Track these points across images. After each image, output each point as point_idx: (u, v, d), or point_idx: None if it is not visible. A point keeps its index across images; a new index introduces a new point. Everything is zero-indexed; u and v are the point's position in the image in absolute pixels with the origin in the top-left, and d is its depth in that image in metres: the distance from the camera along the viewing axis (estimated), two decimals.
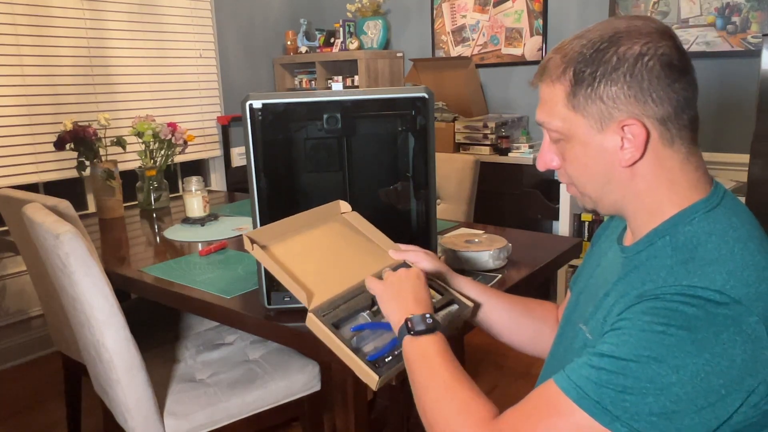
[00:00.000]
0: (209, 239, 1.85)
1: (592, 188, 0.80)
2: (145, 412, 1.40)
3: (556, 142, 0.81)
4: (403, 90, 1.18)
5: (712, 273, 0.68)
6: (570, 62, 0.75)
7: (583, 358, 0.71)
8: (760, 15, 2.71)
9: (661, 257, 0.74)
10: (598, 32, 0.75)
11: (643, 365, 0.65)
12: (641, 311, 0.68)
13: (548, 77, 0.78)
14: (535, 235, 1.80)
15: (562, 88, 0.76)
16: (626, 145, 0.74)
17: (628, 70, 0.72)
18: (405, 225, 1.26)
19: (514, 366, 2.50)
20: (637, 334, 0.67)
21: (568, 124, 0.77)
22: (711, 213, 0.75)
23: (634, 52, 0.72)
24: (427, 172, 1.21)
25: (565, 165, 0.81)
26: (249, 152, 1.17)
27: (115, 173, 2.23)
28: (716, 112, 2.89)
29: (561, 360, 0.89)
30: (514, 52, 3.48)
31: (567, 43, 0.78)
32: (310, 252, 1.02)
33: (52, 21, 2.82)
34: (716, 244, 0.71)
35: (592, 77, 0.74)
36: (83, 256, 1.28)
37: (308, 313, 0.91)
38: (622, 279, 0.78)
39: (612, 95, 0.73)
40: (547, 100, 0.79)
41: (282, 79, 3.96)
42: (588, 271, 0.96)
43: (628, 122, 0.73)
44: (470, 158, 2.42)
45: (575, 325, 0.88)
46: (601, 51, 0.73)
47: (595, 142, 0.76)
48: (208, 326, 1.87)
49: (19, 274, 2.80)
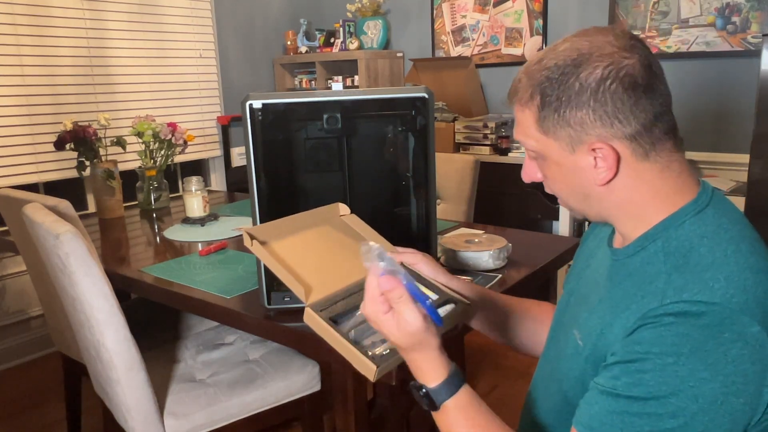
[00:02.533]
0: (209, 239, 1.85)
1: (574, 202, 0.82)
2: (145, 412, 1.40)
3: (534, 159, 0.83)
4: (403, 90, 1.18)
5: (710, 280, 0.67)
6: (536, 87, 0.76)
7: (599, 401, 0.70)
8: (760, 15, 2.71)
9: (655, 263, 0.73)
10: (562, 55, 0.75)
11: (663, 402, 0.65)
12: (649, 342, 0.67)
13: (519, 100, 0.80)
14: (535, 235, 1.80)
15: (531, 114, 0.78)
16: (599, 164, 0.75)
17: (591, 95, 0.73)
18: (405, 225, 1.26)
19: (514, 366, 2.50)
20: (651, 370, 0.66)
21: (541, 144, 0.79)
22: (701, 215, 0.74)
23: (596, 76, 0.72)
24: (427, 172, 1.21)
25: (546, 180, 0.84)
26: (249, 152, 1.17)
27: (115, 173, 2.23)
28: (716, 112, 2.89)
29: (553, 365, 0.89)
30: (514, 52, 3.48)
31: (533, 64, 0.78)
32: (308, 250, 1.02)
33: (52, 21, 2.82)
34: (709, 248, 0.71)
35: (558, 102, 0.74)
36: (83, 256, 1.28)
37: (306, 308, 0.91)
38: (616, 286, 0.78)
39: (578, 120, 0.74)
40: (521, 122, 0.80)
41: (282, 79, 3.96)
42: (577, 272, 0.96)
43: (597, 146, 0.74)
44: (470, 158, 2.42)
45: (567, 330, 0.87)
46: (565, 75, 0.74)
47: (569, 162, 0.77)
48: (208, 326, 1.87)
49: (19, 274, 2.80)
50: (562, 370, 0.84)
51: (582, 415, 0.72)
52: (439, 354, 0.80)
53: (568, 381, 0.82)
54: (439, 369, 0.79)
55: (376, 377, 0.85)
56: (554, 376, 0.88)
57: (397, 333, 0.78)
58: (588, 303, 0.84)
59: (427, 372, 0.80)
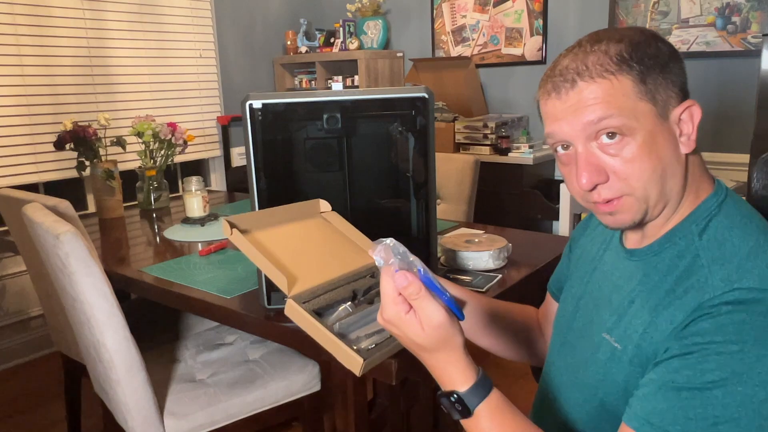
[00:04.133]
0: (209, 239, 1.85)
1: (655, 187, 0.73)
2: (145, 412, 1.40)
3: (609, 143, 0.73)
4: (403, 90, 1.18)
5: (754, 268, 0.68)
6: (629, 52, 0.72)
7: (656, 395, 0.68)
8: (760, 15, 2.71)
9: (688, 257, 0.73)
10: (621, 34, 0.75)
11: (729, 389, 0.63)
12: (708, 331, 0.66)
13: (598, 75, 0.72)
14: (535, 235, 1.80)
15: (629, 78, 0.72)
16: (684, 129, 0.74)
17: (672, 58, 0.74)
18: (405, 225, 1.26)
19: (515, 366, 2.50)
20: (714, 358, 0.64)
21: (636, 116, 0.72)
22: (723, 206, 0.75)
23: (668, 47, 0.74)
24: (427, 172, 1.21)
25: (624, 168, 0.73)
26: (249, 152, 1.17)
27: (115, 173, 2.23)
28: (716, 112, 2.88)
29: (579, 372, 0.85)
30: (514, 52, 3.48)
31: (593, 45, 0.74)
32: (290, 243, 0.99)
33: (52, 21, 2.82)
34: (741, 238, 0.71)
35: (655, 62, 0.72)
36: (83, 256, 1.28)
37: (287, 299, 0.87)
38: (648, 284, 0.76)
39: (673, 79, 0.74)
40: (601, 97, 0.72)
41: (282, 79, 3.96)
42: (580, 276, 0.93)
43: (688, 104, 0.74)
44: (470, 158, 2.42)
45: (590, 335, 0.84)
46: (643, 43, 0.73)
47: (663, 130, 0.73)
48: (208, 326, 1.87)
49: (19, 274, 2.80)
50: (596, 377, 0.80)
51: (637, 411, 0.69)
52: (465, 354, 0.75)
53: (606, 386, 0.78)
54: (468, 371, 0.74)
55: (363, 371, 0.81)
56: (584, 383, 0.83)
57: (422, 332, 0.72)
58: (611, 306, 0.81)
59: (454, 375, 0.74)
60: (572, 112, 0.73)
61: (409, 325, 0.73)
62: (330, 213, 1.11)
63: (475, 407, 0.73)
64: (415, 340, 0.73)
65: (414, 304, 0.73)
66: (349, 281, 0.97)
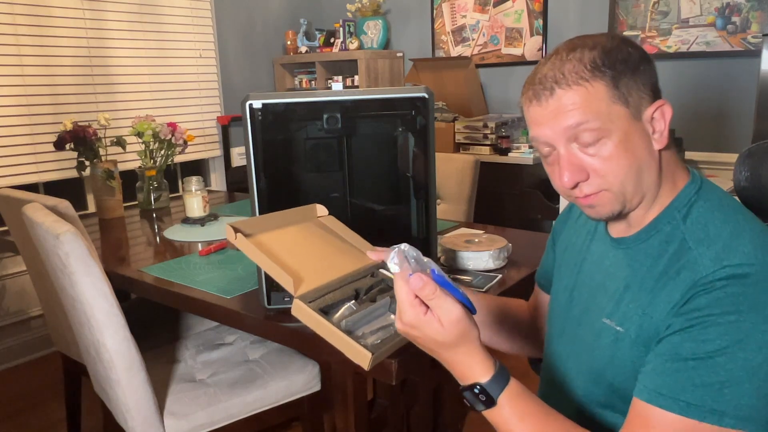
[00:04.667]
0: (209, 239, 1.85)
1: (631, 182, 0.79)
2: (145, 412, 1.40)
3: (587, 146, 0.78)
4: (403, 90, 1.18)
5: (738, 246, 0.73)
6: (594, 61, 0.77)
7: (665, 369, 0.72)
8: (760, 15, 2.71)
9: (675, 242, 0.79)
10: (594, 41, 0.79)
11: (731, 355, 0.69)
12: (705, 305, 0.71)
13: (574, 82, 0.77)
14: (535, 235, 1.80)
15: (602, 84, 0.77)
16: (656, 127, 0.79)
17: (642, 61, 0.79)
18: (405, 225, 1.26)
19: (515, 366, 2.49)
20: (714, 329, 0.70)
21: (610, 118, 0.77)
22: (701, 193, 0.81)
23: (638, 52, 0.79)
24: (427, 172, 1.21)
25: (602, 166, 0.78)
26: (249, 152, 1.17)
27: (115, 173, 2.23)
28: (716, 112, 2.88)
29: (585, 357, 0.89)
30: (514, 52, 3.48)
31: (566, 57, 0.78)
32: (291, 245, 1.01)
33: (52, 21, 2.82)
34: (722, 220, 0.77)
35: (626, 67, 0.77)
36: (83, 256, 1.28)
37: (294, 299, 0.89)
38: (640, 269, 0.82)
39: (644, 81, 0.79)
40: (580, 103, 0.77)
41: (282, 79, 3.96)
42: (570, 268, 0.98)
43: (659, 103, 0.79)
44: (470, 158, 2.42)
45: (589, 322, 0.89)
46: (617, 48, 0.78)
47: (637, 130, 0.79)
48: (208, 326, 1.87)
49: (19, 274, 2.80)
50: (602, 360, 0.85)
51: (647, 385, 0.74)
52: (481, 346, 0.78)
53: (614, 368, 0.83)
54: (487, 362, 0.77)
55: (371, 365, 0.83)
56: (591, 367, 0.87)
57: (442, 329, 0.75)
58: (607, 292, 0.87)
59: (475, 367, 0.77)
60: (552, 117, 0.79)
61: (429, 324, 0.76)
62: (327, 217, 1.12)
63: (498, 396, 0.76)
64: (436, 337, 0.76)
65: (431, 304, 0.76)
66: (350, 281, 0.98)
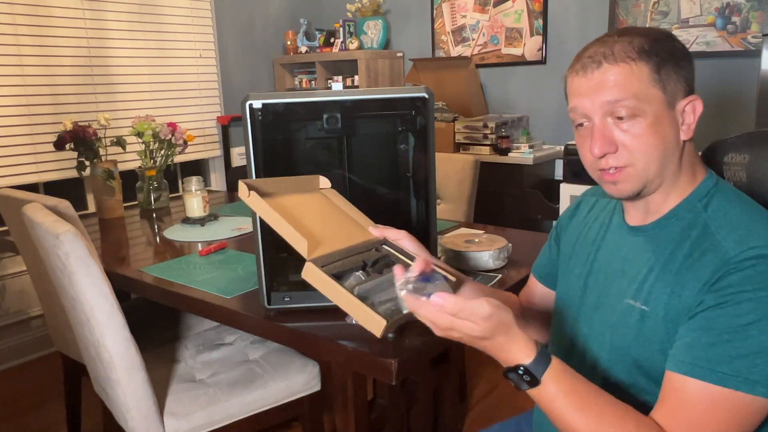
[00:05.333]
0: (209, 239, 1.85)
1: (655, 164, 0.85)
2: (145, 412, 1.40)
3: (621, 120, 0.84)
4: (403, 90, 1.18)
5: (760, 230, 0.79)
6: (643, 46, 0.84)
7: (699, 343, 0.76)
8: (760, 15, 2.71)
9: (697, 228, 0.84)
10: (645, 30, 0.87)
11: (763, 328, 0.73)
12: (736, 283, 0.76)
13: (621, 60, 0.84)
14: (535, 235, 1.80)
15: (645, 65, 0.84)
16: (686, 119, 0.86)
17: (685, 57, 0.86)
18: (405, 225, 1.26)
19: None
20: (746, 304, 0.74)
21: (647, 99, 0.83)
22: (718, 186, 0.87)
23: (683, 47, 0.86)
24: (427, 172, 1.21)
25: (632, 142, 0.85)
26: (249, 152, 1.17)
27: (115, 173, 2.23)
28: (716, 112, 2.89)
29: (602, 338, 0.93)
30: (514, 52, 3.48)
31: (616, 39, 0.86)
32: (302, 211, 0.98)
33: (52, 21, 2.82)
34: (741, 208, 0.83)
35: (672, 56, 0.85)
36: (83, 256, 1.28)
37: (307, 262, 0.87)
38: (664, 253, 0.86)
39: (683, 74, 0.85)
40: (621, 80, 0.84)
41: (282, 79, 3.96)
42: (586, 256, 1.02)
43: (692, 98, 0.85)
44: (470, 158, 2.42)
45: (613, 305, 0.92)
46: (663, 40, 0.85)
47: (668, 116, 0.85)
48: (208, 326, 1.87)
49: (19, 274, 2.80)
50: (627, 339, 0.88)
51: (683, 359, 0.77)
52: (520, 330, 0.81)
53: (639, 345, 0.86)
54: (529, 344, 0.80)
55: (384, 333, 0.83)
56: (614, 346, 0.91)
57: (477, 327, 0.79)
58: (628, 276, 0.91)
59: (516, 351, 0.80)
60: (594, 90, 0.85)
61: (464, 325, 0.79)
62: (329, 190, 1.12)
63: (541, 375, 0.79)
64: (474, 334, 0.80)
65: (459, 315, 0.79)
66: (358, 252, 0.98)
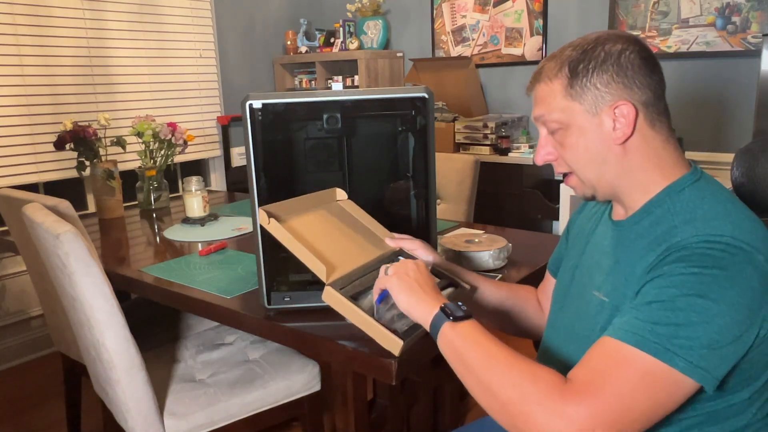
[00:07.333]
0: (209, 239, 1.85)
1: (591, 171, 0.89)
2: (145, 412, 1.40)
3: (553, 133, 0.91)
4: (403, 90, 1.18)
5: (720, 225, 0.79)
6: (564, 62, 0.88)
7: (628, 313, 0.79)
8: (760, 15, 2.71)
9: (663, 223, 0.84)
10: (582, 40, 0.89)
11: (689, 300, 0.74)
12: (674, 261, 0.78)
13: (545, 78, 0.90)
14: (535, 235, 1.80)
15: (559, 83, 0.88)
16: (617, 125, 0.86)
17: (614, 61, 0.86)
18: (405, 225, 1.26)
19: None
20: (677, 278, 0.76)
21: (566, 113, 0.88)
22: (697, 184, 0.87)
23: (617, 48, 0.86)
24: (427, 172, 1.21)
25: (564, 153, 0.91)
26: (249, 152, 1.17)
27: (115, 173, 2.23)
28: (716, 112, 2.89)
29: (572, 328, 0.97)
30: (514, 52, 3.48)
31: (557, 53, 0.91)
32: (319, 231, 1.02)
33: (52, 21, 2.82)
34: (711, 205, 0.82)
35: (585, 69, 0.86)
36: (83, 256, 1.28)
37: (326, 286, 0.92)
38: (628, 247, 0.88)
39: (603, 82, 0.86)
40: (545, 96, 0.90)
41: (282, 79, 3.96)
42: (579, 250, 1.04)
43: (619, 103, 0.85)
44: (470, 158, 2.42)
45: (582, 295, 0.96)
46: (590, 50, 0.87)
47: (592, 124, 0.87)
48: (208, 326, 1.87)
49: (19, 274, 2.80)
50: (588, 328, 0.91)
51: (615, 325, 0.79)
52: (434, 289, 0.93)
53: (595, 335, 0.87)
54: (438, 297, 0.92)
55: (401, 351, 0.88)
56: (579, 335, 0.94)
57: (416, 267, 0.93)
58: (601, 268, 0.93)
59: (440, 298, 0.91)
60: (533, 105, 0.94)
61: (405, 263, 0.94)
62: (346, 201, 1.14)
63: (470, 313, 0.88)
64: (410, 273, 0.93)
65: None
66: (374, 268, 1.00)
